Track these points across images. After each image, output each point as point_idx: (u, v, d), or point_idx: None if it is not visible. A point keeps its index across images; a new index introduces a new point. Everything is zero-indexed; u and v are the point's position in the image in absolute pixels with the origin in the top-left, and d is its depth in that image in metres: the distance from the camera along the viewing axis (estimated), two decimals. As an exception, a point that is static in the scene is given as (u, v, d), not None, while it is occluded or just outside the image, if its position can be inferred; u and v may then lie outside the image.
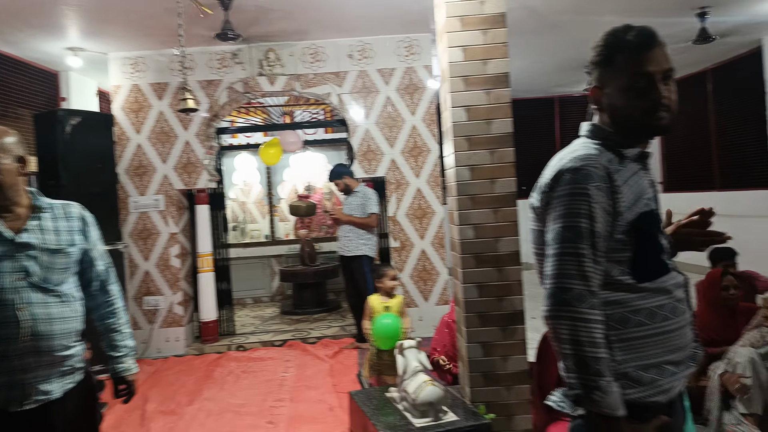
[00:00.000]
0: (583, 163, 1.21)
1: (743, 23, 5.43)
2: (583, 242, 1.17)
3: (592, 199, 1.17)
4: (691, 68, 7.64)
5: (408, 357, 2.77)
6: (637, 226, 1.21)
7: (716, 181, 7.58)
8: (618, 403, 1.14)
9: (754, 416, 2.74)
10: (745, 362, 2.81)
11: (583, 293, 1.15)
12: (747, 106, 6.73)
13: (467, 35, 2.88)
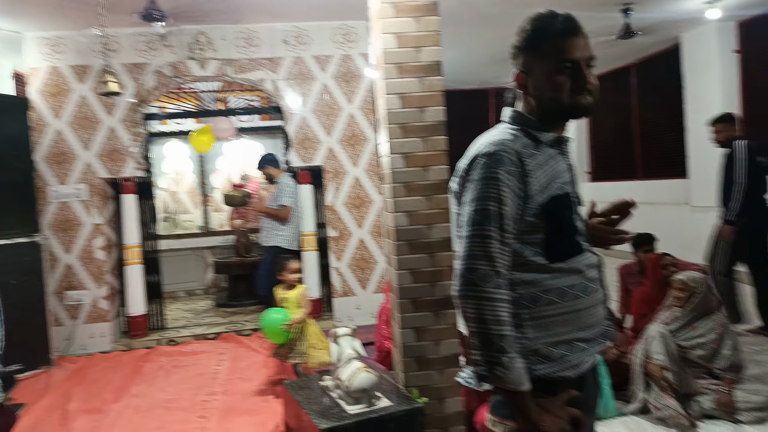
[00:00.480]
0: (497, 148, 1.24)
1: (664, 20, 5.72)
2: (491, 224, 1.20)
3: (502, 183, 1.21)
4: (617, 63, 7.99)
5: (342, 345, 2.77)
6: (549, 209, 1.24)
7: (639, 171, 8.00)
8: (521, 379, 1.18)
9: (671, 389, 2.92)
10: (656, 337, 2.99)
11: (489, 273, 1.19)
12: (667, 99, 7.13)
13: (401, 22, 2.87)
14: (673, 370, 2.94)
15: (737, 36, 6.10)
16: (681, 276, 3.14)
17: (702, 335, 3.03)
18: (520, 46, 1.34)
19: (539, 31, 1.31)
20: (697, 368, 3.01)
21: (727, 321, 3.13)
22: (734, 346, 3.01)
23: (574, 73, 1.28)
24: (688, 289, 3.06)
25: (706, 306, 3.07)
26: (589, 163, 9.26)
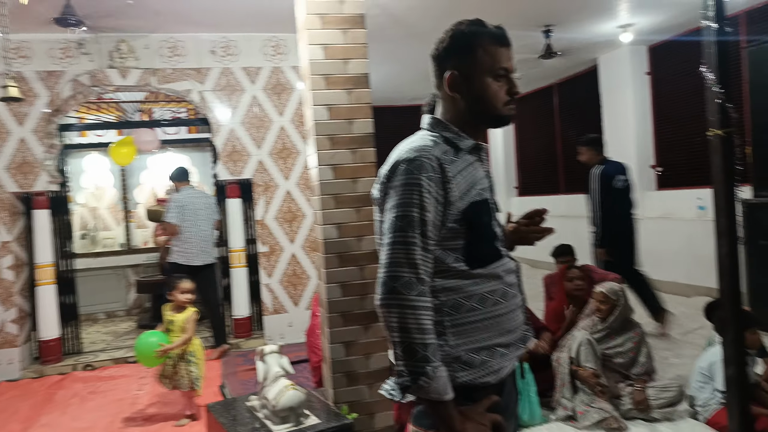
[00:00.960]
0: (418, 154, 1.23)
1: (582, 42, 6.03)
2: (413, 231, 1.18)
3: (424, 189, 1.19)
4: (540, 83, 8.35)
5: (269, 362, 2.67)
6: (469, 215, 1.24)
7: (561, 186, 8.35)
8: (445, 388, 1.16)
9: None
10: (584, 344, 3.08)
11: (412, 281, 1.17)
12: (586, 118, 7.49)
13: (327, 34, 2.86)
14: (601, 372, 3.05)
15: (648, 59, 6.54)
16: (602, 288, 3.23)
17: (621, 344, 3.16)
18: (452, 47, 1.32)
19: (475, 34, 1.31)
20: (616, 374, 3.12)
21: (642, 330, 3.26)
22: (648, 353, 3.18)
23: (506, 80, 1.31)
24: (609, 302, 3.16)
25: (625, 316, 3.20)
26: (516, 179, 9.59)
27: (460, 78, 1.31)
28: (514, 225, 1.61)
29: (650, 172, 6.59)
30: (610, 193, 4.55)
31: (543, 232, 1.53)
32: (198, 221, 4.88)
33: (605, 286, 3.25)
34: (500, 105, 1.31)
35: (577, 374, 3.07)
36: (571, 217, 7.86)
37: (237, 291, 5.15)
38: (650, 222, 6.39)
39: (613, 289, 3.21)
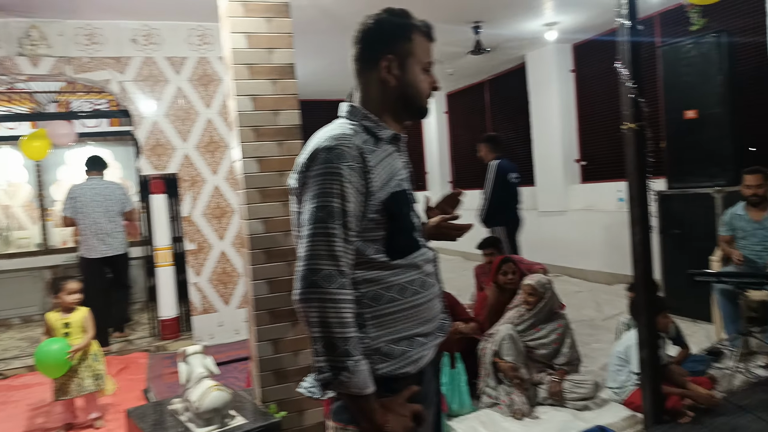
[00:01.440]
0: (337, 142, 1.20)
1: (510, 38, 6.18)
2: (333, 222, 1.15)
3: (345, 179, 1.16)
4: (473, 79, 8.51)
5: (192, 363, 2.57)
6: (390, 206, 1.23)
7: (494, 180, 8.55)
8: (366, 382, 1.14)
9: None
10: (506, 339, 3.13)
11: (333, 273, 1.14)
12: (516, 114, 7.71)
13: (251, 22, 2.77)
14: (522, 368, 3.11)
15: (573, 57, 6.79)
16: (530, 281, 3.28)
17: (545, 336, 3.22)
18: (387, 33, 1.30)
19: (412, 25, 1.31)
20: (539, 363, 3.20)
21: (567, 321, 3.33)
22: (572, 344, 3.25)
23: (431, 76, 1.35)
24: (536, 294, 3.21)
25: (550, 308, 3.26)
26: (450, 173, 9.74)
27: (396, 63, 1.30)
28: (434, 221, 1.65)
29: (575, 166, 6.86)
30: (504, 187, 5.04)
31: (462, 229, 1.55)
32: (93, 213, 4.87)
33: (534, 278, 3.31)
34: (425, 97, 1.34)
35: (498, 366, 3.12)
36: (503, 210, 8.08)
37: (163, 291, 4.94)
38: (575, 214, 6.67)
39: (541, 282, 3.27)
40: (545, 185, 7.09)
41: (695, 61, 4.45)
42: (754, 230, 3.77)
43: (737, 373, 3.22)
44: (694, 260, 4.32)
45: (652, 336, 2.73)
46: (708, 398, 2.84)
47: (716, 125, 4.33)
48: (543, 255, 7.12)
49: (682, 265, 4.26)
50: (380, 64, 1.29)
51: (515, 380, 3.06)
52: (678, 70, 4.58)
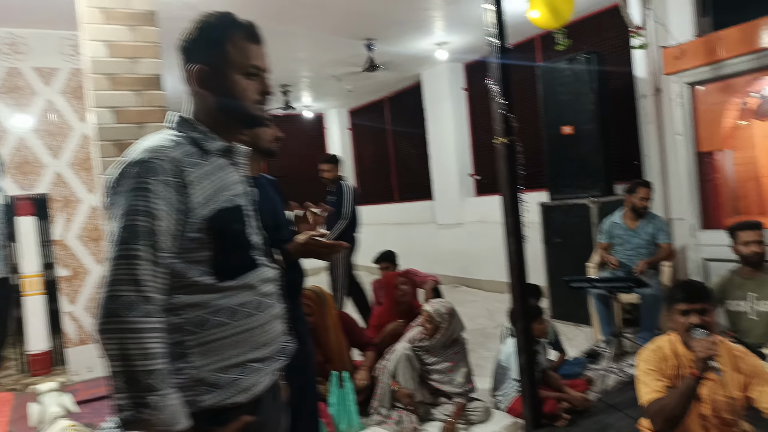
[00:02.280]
0: (150, 155, 1.11)
1: (403, 57, 6.30)
2: (138, 242, 1.05)
3: (155, 195, 1.07)
4: (373, 96, 8.62)
5: (45, 403, 2.32)
6: (216, 223, 1.14)
7: (395, 195, 8.67)
8: (175, 418, 1.04)
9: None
10: (402, 361, 3.08)
11: (135, 300, 1.03)
12: (414, 131, 7.87)
13: (112, 30, 2.60)
14: (416, 391, 3.06)
15: (465, 76, 7.05)
16: (429, 308, 3.19)
17: (439, 362, 3.14)
18: (200, 40, 1.22)
19: (226, 29, 1.23)
20: (433, 388, 3.15)
21: (464, 349, 3.25)
22: (467, 373, 3.14)
23: (258, 79, 1.25)
24: (433, 322, 3.13)
25: (449, 337, 3.16)
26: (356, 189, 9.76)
27: (210, 73, 1.21)
28: (301, 239, 1.61)
29: (469, 180, 7.09)
30: (354, 206, 4.91)
31: (332, 248, 1.52)
32: None
33: (433, 306, 3.21)
34: (250, 104, 1.24)
35: (394, 392, 3.07)
36: (405, 224, 8.20)
37: (32, 322, 4.48)
38: (470, 226, 6.88)
39: (439, 312, 3.15)
40: (442, 199, 7.27)
41: (569, 81, 4.75)
42: (629, 238, 4.04)
43: (611, 373, 3.40)
44: (574, 267, 4.57)
45: (529, 342, 2.82)
46: (582, 400, 2.96)
47: (589, 140, 4.64)
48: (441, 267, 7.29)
49: (564, 272, 4.48)
50: (193, 74, 1.22)
51: (410, 407, 3.02)
52: (555, 89, 4.86)
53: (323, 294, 3.36)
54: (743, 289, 3.13)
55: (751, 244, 3.08)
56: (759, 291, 3.07)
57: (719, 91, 3.84)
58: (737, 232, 3.15)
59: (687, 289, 2.10)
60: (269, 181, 2.03)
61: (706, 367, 1.87)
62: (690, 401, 1.92)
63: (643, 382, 2.05)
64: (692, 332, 1.97)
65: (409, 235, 7.92)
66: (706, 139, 3.80)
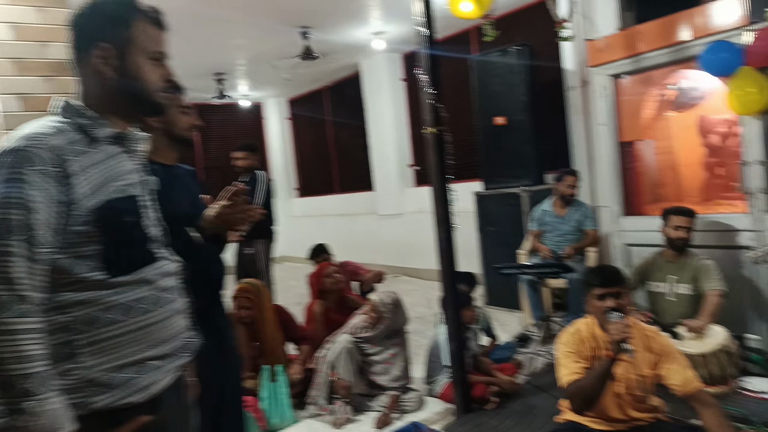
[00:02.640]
0: (26, 143, 1.03)
1: (341, 45, 6.25)
2: (11, 238, 0.98)
3: (30, 186, 1.00)
4: (313, 85, 8.51)
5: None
6: (106, 215, 1.08)
7: (336, 186, 8.64)
8: (57, 422, 0.98)
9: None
10: (342, 352, 3.06)
11: (8, 300, 0.96)
12: (354, 120, 7.84)
13: (19, 11, 2.44)
14: (355, 383, 3.05)
15: (403, 66, 7.07)
16: (374, 297, 3.20)
17: (379, 353, 3.14)
18: (103, 17, 1.15)
19: (134, 10, 1.17)
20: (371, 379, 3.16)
21: (405, 342, 3.25)
22: (404, 367, 3.15)
23: (162, 67, 1.21)
24: (377, 312, 3.13)
25: (391, 329, 3.16)
26: (296, 180, 9.65)
27: (112, 53, 1.15)
28: (214, 210, 1.58)
29: (408, 171, 7.14)
30: (269, 197, 4.68)
31: (248, 212, 1.50)
32: None
33: (379, 296, 3.21)
34: (155, 90, 1.20)
35: (333, 382, 3.06)
36: (347, 215, 8.19)
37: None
38: (410, 216, 6.93)
39: (382, 301, 3.15)
40: (383, 189, 7.29)
41: (502, 73, 4.84)
42: (558, 225, 4.17)
43: (539, 356, 3.52)
44: (507, 254, 4.69)
45: (459, 329, 2.87)
46: (510, 384, 3.05)
47: (521, 131, 4.75)
48: (382, 257, 7.32)
49: (498, 260, 4.59)
50: (93, 53, 1.14)
51: (347, 398, 3.01)
52: (488, 81, 4.95)
53: (261, 287, 3.31)
54: (664, 272, 3.30)
55: (680, 229, 3.21)
56: (679, 274, 3.24)
57: (640, 83, 4.02)
58: (670, 215, 3.28)
59: (603, 274, 2.18)
60: (187, 172, 1.96)
61: (621, 349, 1.96)
62: (606, 382, 2.01)
63: (563, 364, 2.13)
64: (608, 315, 2.05)
65: (350, 226, 7.91)
66: (628, 129, 3.98)
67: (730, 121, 3.92)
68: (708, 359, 2.75)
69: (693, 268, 3.19)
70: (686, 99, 4.13)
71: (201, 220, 1.66)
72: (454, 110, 5.89)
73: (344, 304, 3.67)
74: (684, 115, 4.27)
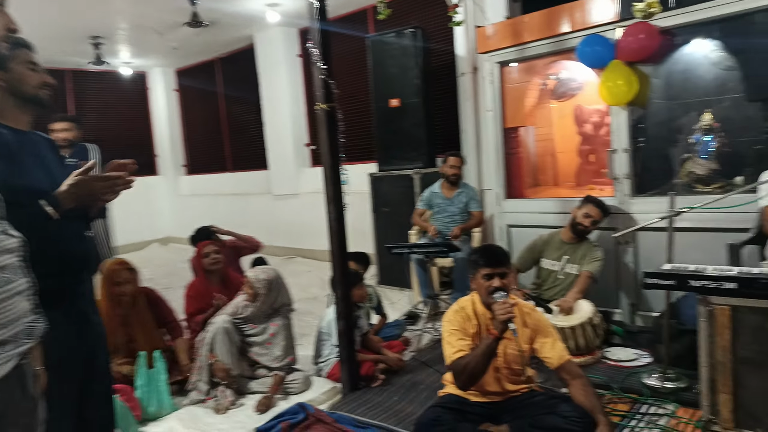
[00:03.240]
0: None
1: (234, 15, 5.94)
2: None
3: None
4: (203, 56, 8.05)
5: None
6: None
7: (229, 164, 8.29)
8: None
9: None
10: (219, 333, 2.93)
11: None
12: (248, 95, 7.54)
13: None
14: (235, 365, 2.94)
15: (299, 42, 6.88)
16: (250, 273, 3.07)
17: (258, 334, 3.03)
18: None
19: None
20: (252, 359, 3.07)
21: (287, 320, 3.13)
22: (287, 346, 3.02)
23: None
24: (253, 288, 3.01)
25: (270, 305, 3.05)
26: (184, 157, 9.14)
27: None
28: (72, 179, 1.47)
29: (305, 150, 7.02)
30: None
31: (111, 181, 1.45)
32: None
33: (254, 271, 3.08)
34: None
35: (211, 366, 2.93)
36: (241, 195, 7.90)
37: None
38: (306, 197, 6.83)
39: (258, 277, 3.01)
40: (278, 169, 7.11)
41: (397, 54, 4.86)
42: (446, 206, 4.29)
43: (426, 332, 3.62)
44: (400, 235, 4.77)
45: (349, 308, 2.87)
46: (397, 361, 3.11)
47: (414, 114, 4.82)
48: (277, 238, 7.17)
49: (390, 240, 4.65)
50: None
51: (225, 381, 2.90)
52: (384, 62, 4.95)
53: (133, 267, 3.10)
54: (560, 251, 3.48)
55: (588, 218, 3.38)
56: (571, 255, 3.44)
57: (524, 72, 4.21)
58: (588, 203, 3.42)
59: (489, 254, 2.23)
60: (43, 139, 1.75)
61: (505, 328, 2.04)
62: (490, 359, 2.08)
63: (448, 342, 2.18)
64: (493, 295, 2.12)
65: (244, 206, 7.65)
66: (512, 116, 4.16)
67: (602, 111, 4.24)
68: (576, 332, 2.98)
69: (584, 250, 3.41)
70: (565, 89, 4.40)
71: (57, 192, 1.50)
72: (352, 91, 5.86)
73: (229, 284, 3.53)
74: (563, 104, 4.55)
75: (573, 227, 3.43)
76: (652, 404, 2.49)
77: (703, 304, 2.18)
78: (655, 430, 2.28)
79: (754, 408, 2.11)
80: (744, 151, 3.31)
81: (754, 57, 3.06)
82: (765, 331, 2.07)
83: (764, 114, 3.13)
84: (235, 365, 2.96)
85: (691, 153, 3.42)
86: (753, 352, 2.10)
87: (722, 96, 3.35)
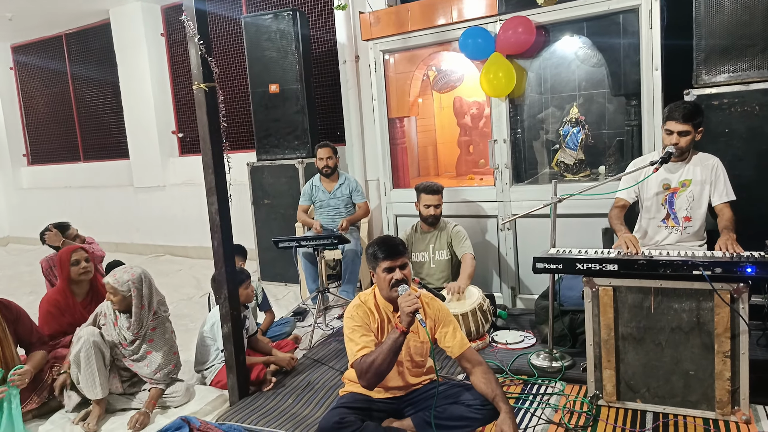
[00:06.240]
0: None
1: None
2: None
3: None
4: (47, 30, 7.11)
5: None
6: None
7: (81, 153, 7.41)
8: None
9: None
10: (83, 349, 2.54)
11: None
12: (104, 76, 6.78)
13: None
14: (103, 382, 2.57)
15: (163, 20, 6.30)
16: (109, 279, 2.65)
17: (134, 342, 2.66)
18: None
19: None
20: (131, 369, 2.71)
21: (164, 325, 2.75)
22: (165, 353, 2.69)
23: None
24: (118, 293, 2.63)
25: (149, 305, 2.70)
26: (25, 145, 8.01)
27: None
28: None
29: (172, 138, 6.46)
30: None
31: None
32: None
33: (113, 275, 2.67)
34: None
35: (79, 383, 2.54)
36: (96, 187, 7.11)
37: None
38: (174, 189, 6.32)
39: (120, 279, 2.63)
40: (140, 159, 6.48)
41: (275, 38, 4.61)
42: (328, 200, 4.15)
43: (317, 328, 3.48)
44: (283, 228, 4.56)
45: (235, 310, 2.64)
46: (288, 360, 2.93)
47: (296, 101, 4.61)
48: (142, 235, 6.57)
49: (274, 233, 4.42)
50: None
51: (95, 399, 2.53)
52: (261, 45, 4.67)
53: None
54: (424, 242, 3.55)
55: (429, 207, 3.48)
56: (436, 243, 3.52)
57: (407, 61, 4.20)
58: (420, 194, 3.52)
59: (388, 246, 2.11)
60: None
61: (413, 321, 1.95)
62: (397, 355, 1.99)
63: (351, 339, 2.06)
64: (396, 288, 2.03)
65: (100, 200, 6.89)
66: (396, 105, 4.13)
67: (480, 103, 4.38)
68: (468, 318, 3.02)
69: (447, 234, 3.52)
70: (446, 80, 4.47)
71: None
72: (227, 75, 5.49)
73: (98, 298, 3.05)
74: (444, 95, 4.63)
75: (423, 220, 3.56)
76: (542, 384, 2.59)
77: (588, 285, 2.29)
78: (547, 408, 2.37)
79: (634, 381, 2.27)
80: (608, 143, 3.60)
81: (618, 55, 3.31)
82: (642, 309, 2.23)
83: (626, 108, 3.41)
84: (105, 384, 2.57)
85: (560, 144, 3.65)
86: (632, 329, 2.26)
87: (589, 91, 3.60)
